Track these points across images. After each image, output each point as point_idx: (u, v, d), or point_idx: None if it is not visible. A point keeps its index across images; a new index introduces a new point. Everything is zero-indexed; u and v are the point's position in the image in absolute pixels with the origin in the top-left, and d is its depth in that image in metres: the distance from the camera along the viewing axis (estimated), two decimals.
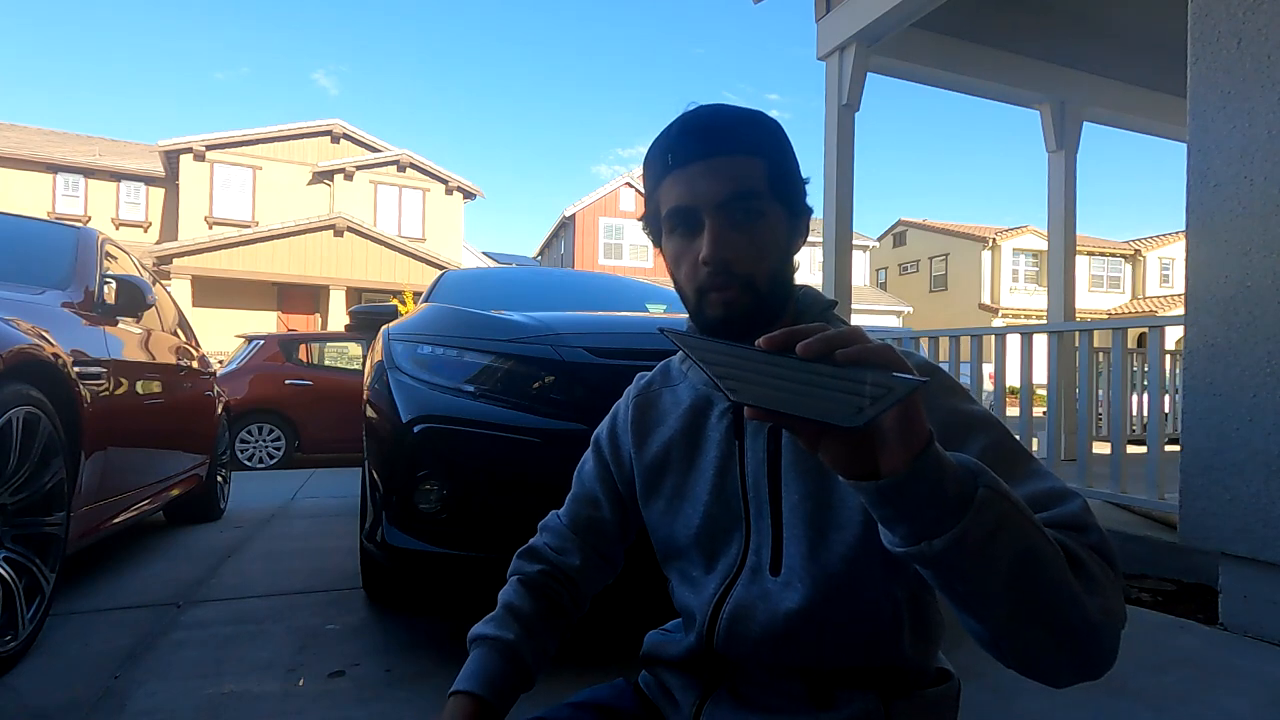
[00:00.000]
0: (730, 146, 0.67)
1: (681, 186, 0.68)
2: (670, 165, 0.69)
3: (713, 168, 0.67)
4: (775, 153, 0.70)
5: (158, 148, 17.28)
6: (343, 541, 3.09)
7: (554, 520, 0.88)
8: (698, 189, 0.67)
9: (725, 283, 0.68)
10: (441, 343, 1.92)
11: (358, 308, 2.99)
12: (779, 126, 0.71)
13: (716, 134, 0.68)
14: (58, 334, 1.98)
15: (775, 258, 0.69)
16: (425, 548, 1.69)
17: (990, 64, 4.71)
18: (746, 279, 0.68)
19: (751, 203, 0.67)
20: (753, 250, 0.68)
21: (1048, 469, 0.63)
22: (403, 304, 6.97)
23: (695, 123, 0.69)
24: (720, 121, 0.69)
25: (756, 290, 0.68)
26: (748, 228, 0.67)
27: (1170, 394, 5.72)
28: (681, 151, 0.68)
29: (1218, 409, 2.10)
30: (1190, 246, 2.20)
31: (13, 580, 1.66)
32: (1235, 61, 2.09)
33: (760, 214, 0.68)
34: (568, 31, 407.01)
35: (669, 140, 0.70)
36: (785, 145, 0.71)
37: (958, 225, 27.27)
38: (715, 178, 0.67)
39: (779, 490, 0.69)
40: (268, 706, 1.51)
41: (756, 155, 0.68)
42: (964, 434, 0.63)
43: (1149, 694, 1.60)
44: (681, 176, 0.68)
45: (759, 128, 0.69)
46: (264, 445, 6.88)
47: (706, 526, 0.74)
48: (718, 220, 0.67)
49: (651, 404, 0.83)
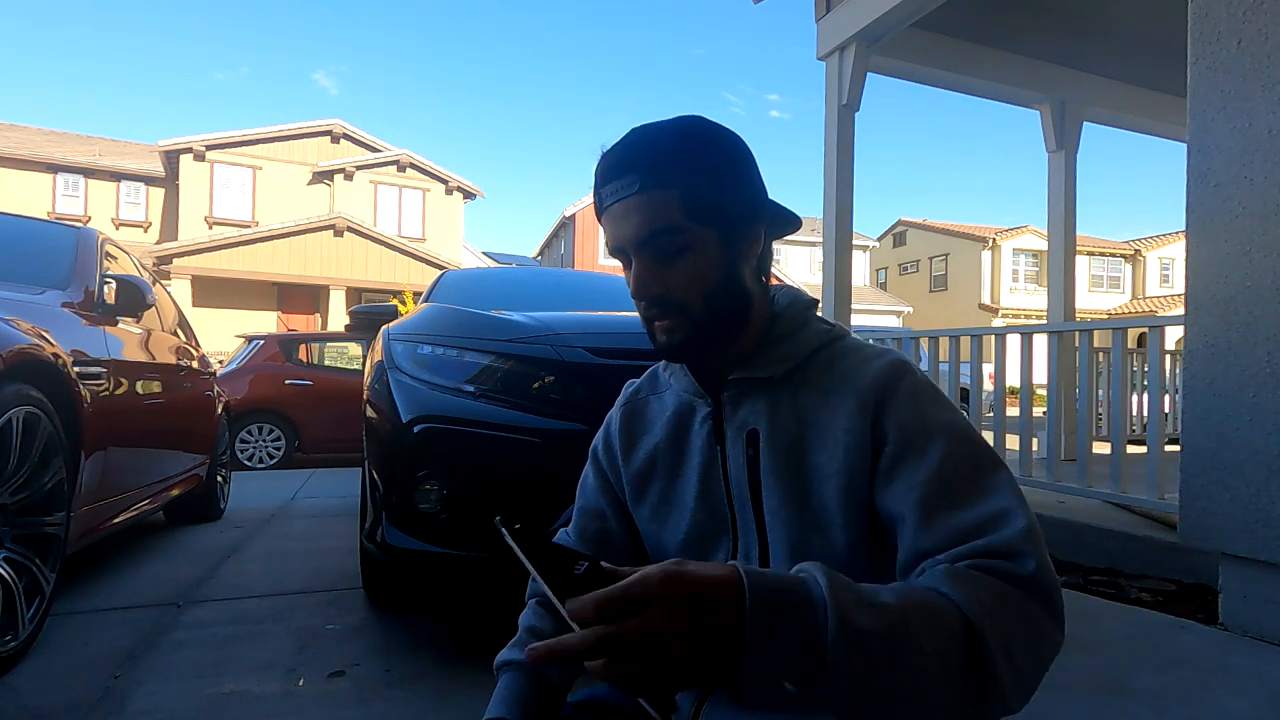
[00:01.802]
0: (643, 184, 0.67)
1: (610, 229, 0.70)
2: (599, 207, 0.72)
3: (628, 209, 0.68)
4: (695, 177, 0.67)
5: (158, 148, 17.28)
6: (343, 541, 3.09)
7: (564, 538, 0.89)
8: (620, 231, 0.69)
9: (660, 315, 0.70)
10: (441, 343, 1.92)
11: (358, 308, 2.99)
12: (705, 143, 0.69)
13: (626, 174, 0.68)
14: (58, 334, 1.98)
15: (705, 282, 0.69)
16: (425, 548, 1.69)
17: (990, 64, 4.71)
18: (679, 308, 0.69)
19: (671, 237, 0.67)
20: (679, 281, 0.68)
21: (1005, 483, 0.61)
22: (403, 304, 6.97)
23: (608, 166, 0.70)
24: (630, 159, 0.68)
25: (691, 316, 0.69)
26: (672, 261, 0.68)
27: (1170, 394, 5.71)
28: (602, 194, 0.70)
29: (1218, 409, 2.10)
30: (1190, 246, 2.20)
31: (13, 580, 1.66)
32: (1235, 61, 2.09)
33: (682, 246, 0.68)
34: (568, 32, 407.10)
35: (595, 181, 0.71)
36: (710, 163, 0.68)
37: (958, 225, 27.27)
38: (631, 219, 0.68)
39: (760, 494, 0.70)
40: (268, 706, 1.51)
41: (671, 187, 0.67)
42: (923, 444, 0.63)
43: (1149, 694, 1.60)
44: (608, 219, 0.70)
45: (674, 156, 0.67)
46: (264, 445, 6.88)
47: (694, 532, 0.75)
48: (640, 258, 0.69)
49: (639, 412, 0.84)
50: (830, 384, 0.69)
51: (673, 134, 0.69)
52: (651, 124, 0.71)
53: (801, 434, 0.69)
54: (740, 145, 0.72)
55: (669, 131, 0.69)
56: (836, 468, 0.66)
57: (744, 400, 0.73)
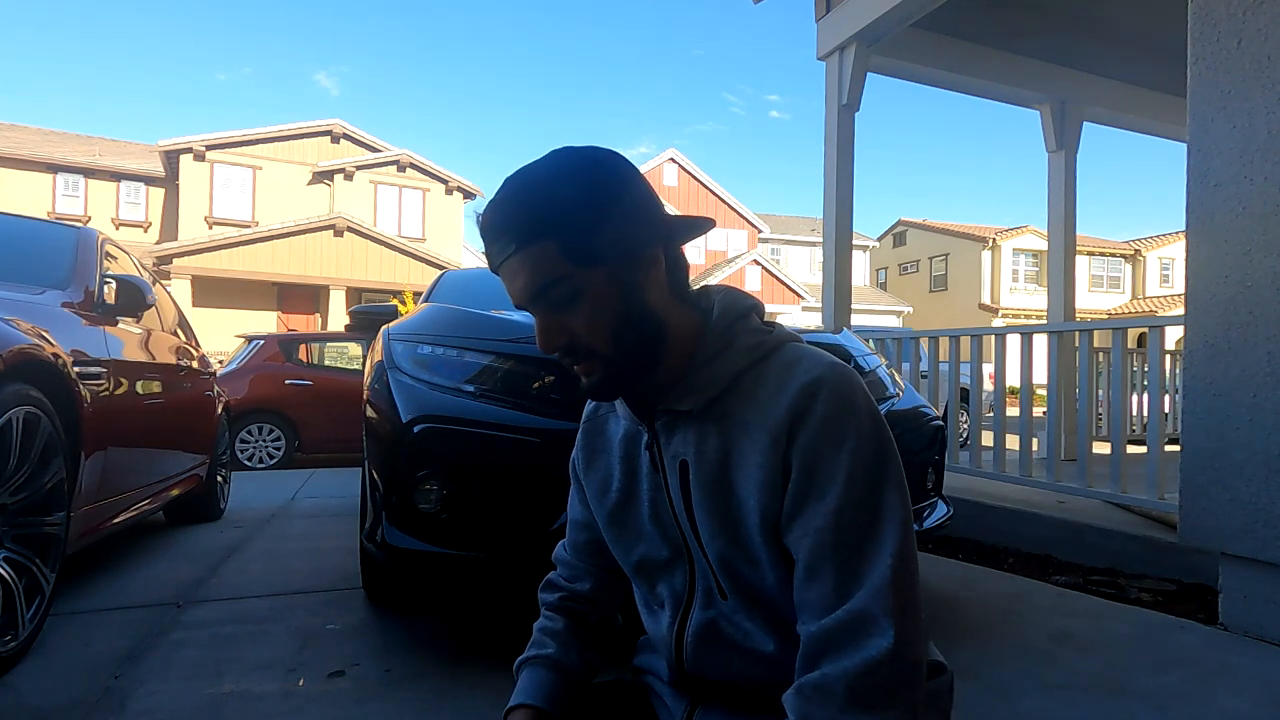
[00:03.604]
0: (516, 239, 0.65)
1: (506, 286, 0.69)
2: (492, 268, 0.71)
3: (513, 269, 0.67)
4: (569, 221, 0.65)
5: (158, 148, 17.28)
6: (343, 541, 3.08)
7: (560, 551, 0.92)
8: (513, 289, 0.68)
9: (574, 360, 0.69)
10: (441, 343, 1.91)
11: (358, 308, 2.99)
12: (578, 182, 0.66)
13: (504, 235, 0.66)
14: (58, 334, 1.98)
15: (610, 321, 0.67)
16: (425, 548, 1.69)
17: (990, 64, 4.71)
18: (588, 352, 0.68)
19: (557, 288, 0.66)
20: (578, 326, 0.67)
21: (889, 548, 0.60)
22: (403, 304, 6.97)
23: (486, 226, 0.68)
24: (505, 218, 0.66)
25: (603, 358, 0.68)
26: (569, 308, 0.67)
27: (1170, 394, 5.72)
28: (489, 255, 0.70)
29: (1218, 409, 2.10)
30: (1190, 246, 2.20)
31: (13, 580, 1.66)
32: (1235, 61, 2.09)
33: (573, 292, 0.66)
34: (568, 32, 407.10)
35: (482, 239, 0.70)
36: (583, 202, 0.65)
37: (958, 225, 27.27)
38: (518, 278, 0.67)
39: (695, 526, 0.70)
40: (268, 706, 1.51)
41: (546, 238, 0.65)
42: (823, 484, 0.62)
43: (1149, 694, 1.60)
44: (502, 277, 0.69)
45: (545, 206, 0.65)
46: (264, 445, 6.88)
47: (648, 556, 0.76)
48: (538, 312, 0.68)
49: (599, 430, 0.84)
50: (751, 413, 0.67)
51: (542, 181, 0.66)
52: (524, 170, 0.68)
53: (725, 465, 0.68)
54: (617, 171, 0.68)
55: (539, 179, 0.66)
56: (753, 504, 0.65)
57: (675, 429, 0.71)
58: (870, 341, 4.35)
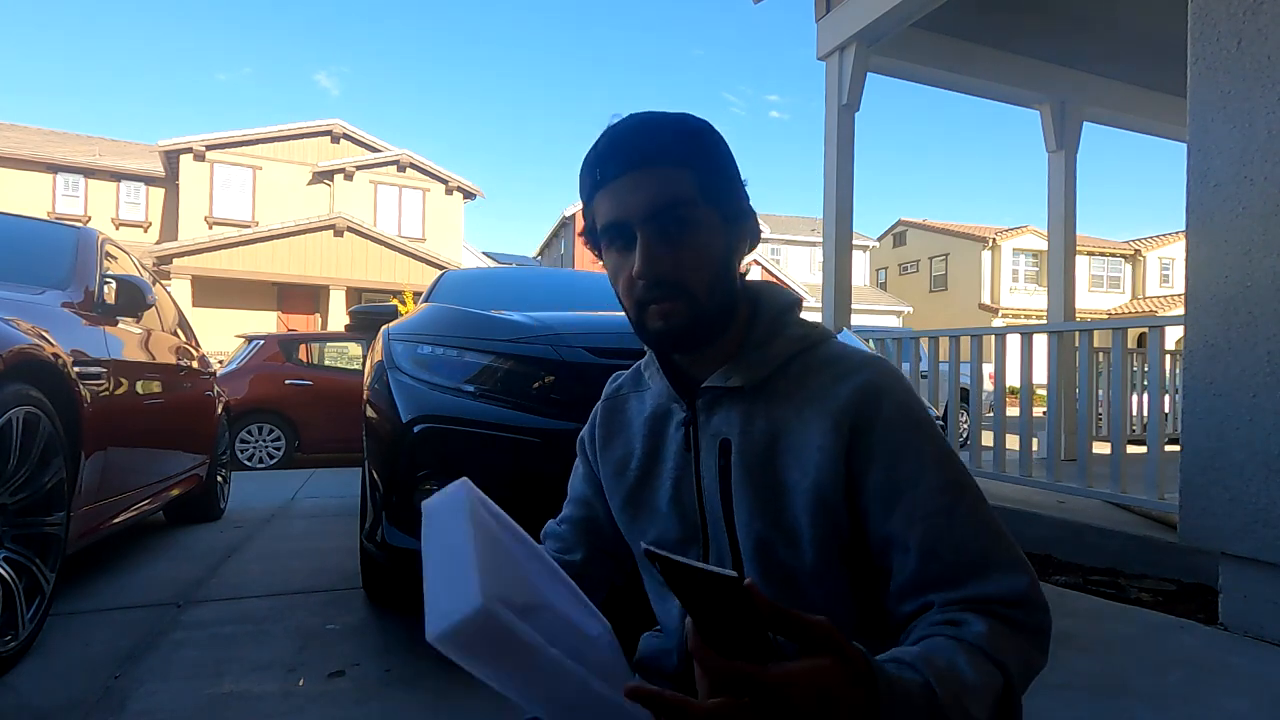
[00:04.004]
0: (656, 159, 0.66)
1: (611, 201, 0.67)
2: (599, 181, 0.69)
3: (639, 181, 0.66)
4: (705, 160, 0.68)
5: (158, 148, 17.28)
6: (343, 541, 3.09)
7: (552, 526, 0.89)
8: (627, 203, 0.66)
9: (662, 295, 0.67)
10: (441, 343, 1.92)
11: (358, 308, 2.99)
12: (710, 132, 0.70)
13: (641, 147, 0.67)
14: (58, 334, 1.98)
15: (712, 265, 0.68)
16: None
17: (990, 64, 4.71)
18: (682, 289, 0.67)
19: (681, 212, 0.66)
20: (686, 260, 0.67)
21: (992, 514, 0.64)
22: (403, 304, 6.97)
23: (620, 137, 0.68)
24: (644, 134, 0.67)
25: (694, 300, 0.67)
26: (680, 238, 0.66)
27: (1170, 394, 5.72)
28: (609, 166, 0.68)
29: (1218, 409, 2.10)
30: (1190, 246, 2.20)
31: (13, 580, 1.66)
32: (1235, 61, 2.09)
33: (692, 223, 0.66)
34: (568, 33, 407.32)
35: (596, 155, 0.69)
36: (717, 151, 0.69)
37: (958, 225, 27.27)
38: (642, 191, 0.66)
39: (731, 506, 0.69)
40: (268, 706, 1.51)
41: (684, 165, 0.66)
42: (916, 474, 0.63)
43: (1149, 694, 1.60)
44: (611, 191, 0.68)
45: (686, 136, 0.68)
46: (264, 445, 6.88)
47: (662, 538, 0.74)
48: (648, 233, 0.66)
49: (619, 409, 0.83)
50: (804, 397, 0.68)
51: (680, 120, 0.69)
52: (645, 112, 0.70)
53: (773, 447, 0.68)
54: (726, 143, 0.72)
55: (676, 118, 0.69)
56: (807, 485, 0.65)
57: (718, 408, 0.71)
58: (870, 342, 4.35)
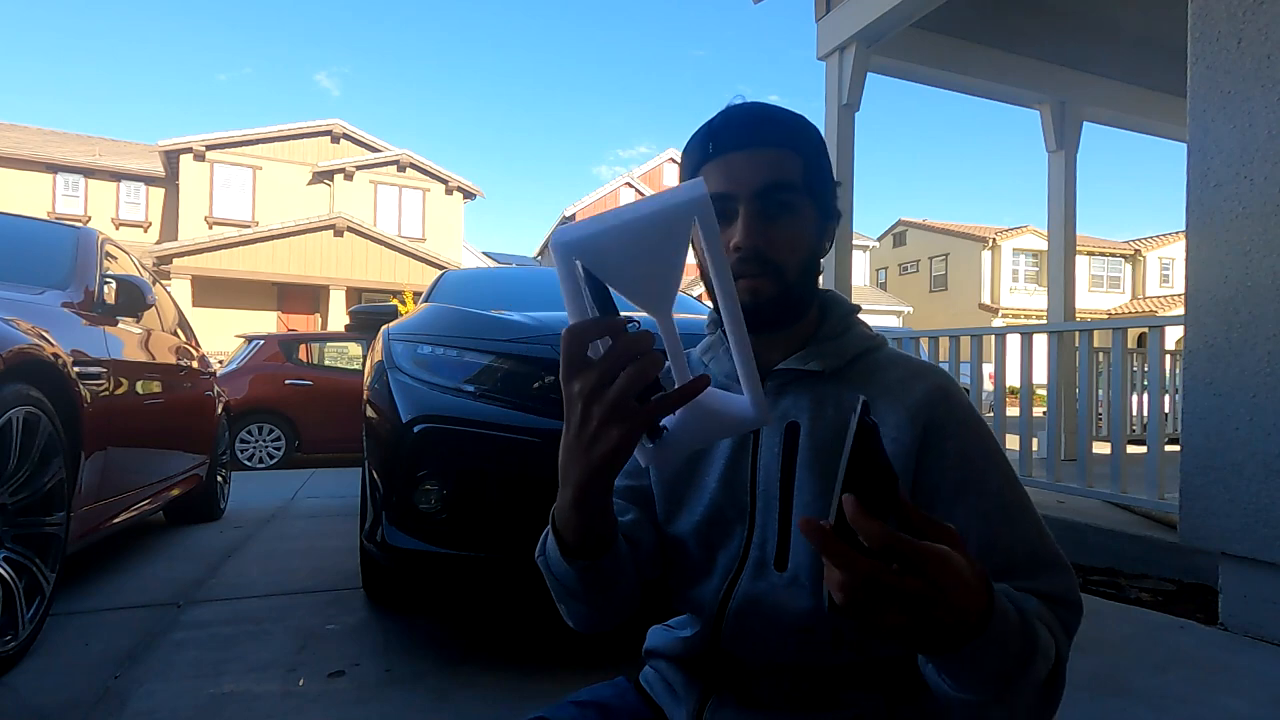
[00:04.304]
0: (772, 139, 0.69)
1: (721, 173, 0.69)
2: (711, 152, 0.71)
3: (753, 157, 0.69)
4: (813, 153, 0.71)
5: (158, 148, 17.28)
6: (343, 541, 3.09)
7: None
8: (737, 176, 0.69)
9: (755, 270, 0.69)
10: (441, 343, 1.92)
11: (358, 308, 2.99)
12: (817, 132, 0.74)
13: (760, 126, 0.70)
14: (58, 334, 1.98)
15: (805, 252, 0.71)
16: (425, 548, 1.69)
17: (990, 64, 4.71)
18: (776, 268, 0.69)
19: (787, 194, 0.69)
20: (785, 240, 0.69)
21: (1037, 515, 0.68)
22: (403, 304, 6.97)
23: (740, 114, 0.71)
24: (764, 115, 0.71)
25: (785, 280, 0.70)
26: (781, 219, 0.69)
27: (1170, 394, 5.71)
28: (724, 139, 0.70)
29: (1218, 409, 2.10)
30: (1190, 246, 2.20)
31: (13, 580, 1.66)
32: (1235, 61, 2.09)
33: (795, 207, 0.70)
34: (568, 34, 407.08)
35: (712, 128, 0.71)
36: (823, 148, 0.74)
37: (958, 225, 27.27)
38: (755, 167, 0.68)
39: (791, 487, 0.70)
40: (268, 706, 1.51)
41: (796, 151, 0.70)
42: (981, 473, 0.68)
43: (1149, 694, 1.60)
44: (722, 164, 0.70)
45: (800, 127, 0.72)
46: (264, 445, 6.88)
47: (709, 516, 0.74)
48: (753, 208, 0.68)
49: None
50: (876, 390, 0.71)
51: (797, 114, 0.73)
52: (765, 102, 0.74)
53: (843, 433, 0.69)
54: None
55: (792, 112, 0.73)
56: None
57: (787, 392, 0.73)
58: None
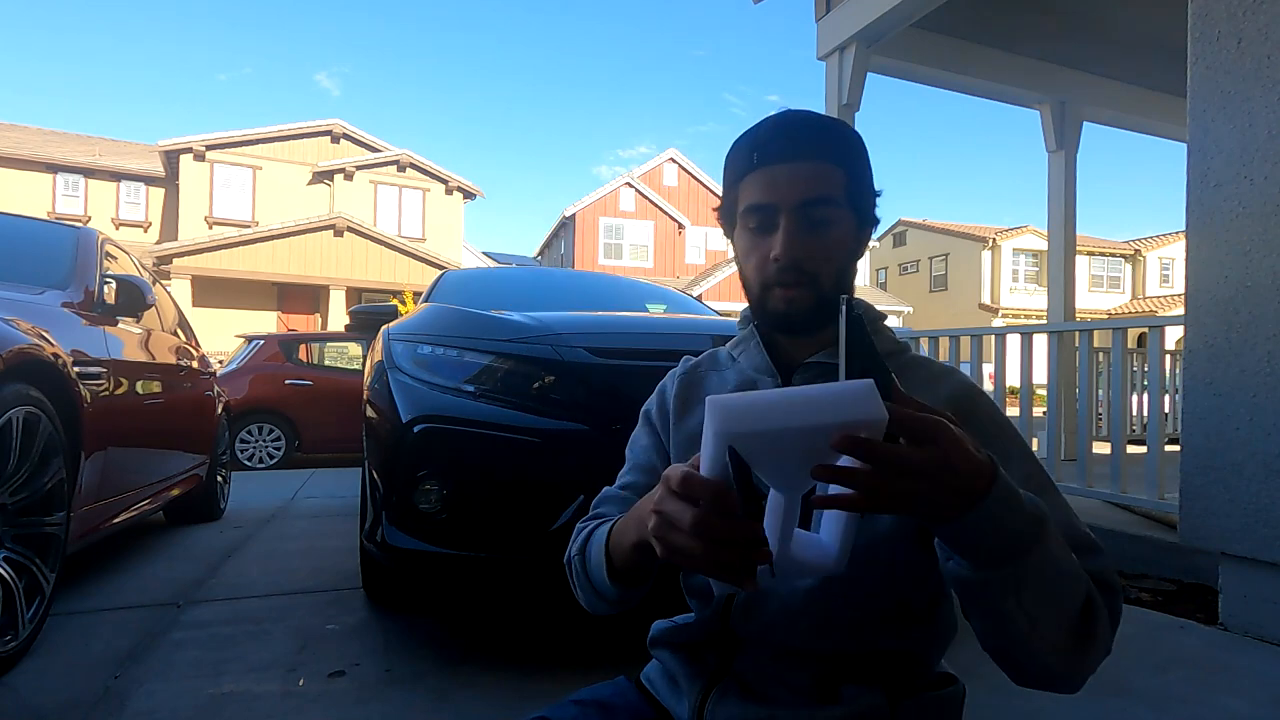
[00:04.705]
0: (815, 152, 0.70)
1: (763, 184, 0.71)
2: (755, 163, 0.72)
3: (796, 170, 0.70)
4: (855, 164, 0.73)
5: (158, 148, 17.28)
6: (343, 541, 3.09)
7: (609, 491, 0.88)
8: (779, 188, 0.70)
9: (793, 280, 0.71)
10: (441, 343, 1.92)
11: (358, 308, 2.99)
12: (861, 140, 0.75)
13: (804, 139, 0.71)
14: (58, 334, 1.98)
15: (841, 262, 0.73)
16: (425, 548, 1.69)
17: (990, 64, 4.71)
18: (813, 279, 0.71)
19: (828, 208, 0.70)
20: (822, 252, 0.71)
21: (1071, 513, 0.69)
22: (403, 304, 6.97)
23: (785, 125, 0.72)
24: (809, 128, 0.72)
25: (820, 290, 0.72)
26: (821, 231, 0.71)
27: (1170, 394, 5.71)
28: (768, 151, 0.71)
29: (1218, 409, 2.10)
30: (1190, 246, 2.20)
31: (13, 580, 1.66)
32: (1235, 61, 2.09)
33: (834, 220, 0.71)
34: (569, 34, 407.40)
35: (757, 138, 0.73)
36: (865, 159, 0.74)
37: (958, 225, 27.26)
38: (797, 180, 0.70)
39: None
40: (268, 706, 1.51)
41: (839, 164, 0.71)
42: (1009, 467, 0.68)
43: (1149, 694, 1.60)
44: (765, 175, 0.71)
45: (844, 139, 0.73)
46: (264, 445, 6.88)
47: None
48: (793, 220, 0.70)
49: (697, 383, 0.87)
50: (905, 386, 0.71)
51: (841, 124, 0.74)
52: (810, 111, 0.74)
53: None
54: None
55: (837, 121, 0.74)
56: None
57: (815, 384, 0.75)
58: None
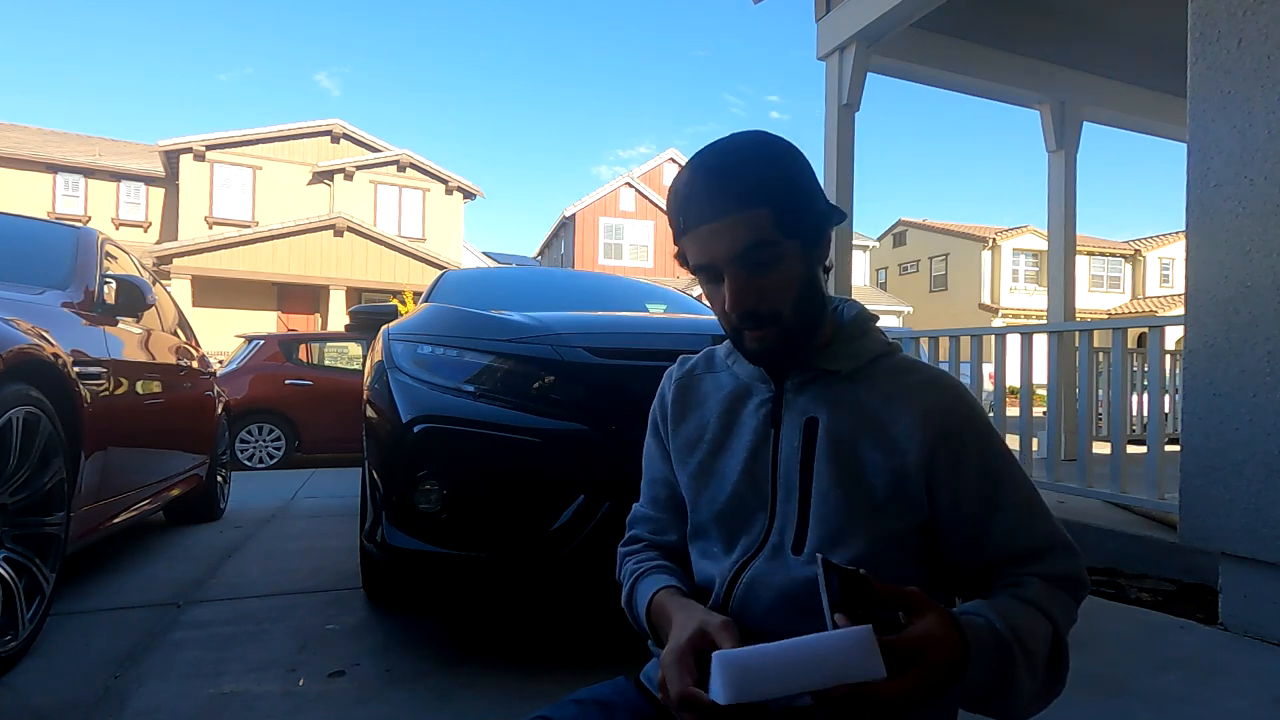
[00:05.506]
0: (733, 205, 0.69)
1: (698, 246, 0.72)
2: (684, 227, 0.73)
3: (719, 230, 0.70)
4: (783, 196, 0.71)
5: (158, 148, 17.28)
6: (343, 541, 3.09)
7: (638, 510, 0.94)
8: (712, 249, 0.71)
9: (754, 324, 0.73)
10: (441, 343, 1.92)
11: (358, 308, 2.99)
12: (788, 160, 0.72)
13: (719, 196, 0.70)
14: (58, 334, 1.98)
15: (797, 290, 0.73)
16: (425, 548, 1.69)
17: (990, 64, 4.71)
18: (773, 317, 0.73)
19: (764, 250, 0.70)
20: (774, 292, 0.72)
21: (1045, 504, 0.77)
22: (403, 304, 6.97)
23: (700, 184, 0.71)
24: (723, 178, 0.70)
25: (784, 324, 0.73)
26: (764, 273, 0.71)
27: (1170, 394, 5.71)
28: (690, 215, 0.72)
29: (1218, 409, 2.10)
30: (1190, 246, 2.20)
31: (13, 580, 1.66)
32: (1235, 61, 2.09)
33: (775, 258, 0.71)
34: (569, 34, 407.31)
35: (680, 200, 0.73)
36: (794, 182, 0.72)
37: (958, 225, 27.26)
38: (725, 236, 0.70)
39: (810, 476, 0.74)
40: (268, 706, 1.51)
41: (763, 205, 0.69)
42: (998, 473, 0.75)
43: (1149, 694, 1.60)
44: (696, 237, 0.72)
45: (764, 178, 0.70)
46: (264, 445, 6.88)
47: (731, 504, 0.79)
48: (735, 272, 0.71)
49: (693, 387, 0.88)
50: (893, 390, 0.76)
51: (754, 156, 0.71)
52: (723, 144, 0.73)
53: (860, 428, 0.75)
54: (803, 156, 0.75)
55: (748, 152, 0.72)
56: (891, 465, 0.73)
57: (806, 389, 0.78)
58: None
